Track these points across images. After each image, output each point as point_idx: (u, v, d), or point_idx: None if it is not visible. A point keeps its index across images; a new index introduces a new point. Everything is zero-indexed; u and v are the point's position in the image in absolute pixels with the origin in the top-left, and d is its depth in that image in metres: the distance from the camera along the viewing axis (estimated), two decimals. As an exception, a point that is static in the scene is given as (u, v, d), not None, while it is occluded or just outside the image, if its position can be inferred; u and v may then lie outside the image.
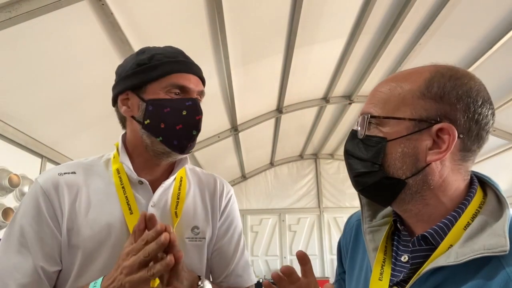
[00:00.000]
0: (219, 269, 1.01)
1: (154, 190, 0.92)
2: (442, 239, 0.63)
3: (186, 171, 1.04)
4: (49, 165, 2.53)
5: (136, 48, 2.11)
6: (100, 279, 0.75)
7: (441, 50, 3.03)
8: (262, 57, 3.00)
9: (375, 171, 0.67)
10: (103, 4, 1.76)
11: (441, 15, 2.53)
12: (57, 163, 2.55)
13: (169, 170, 0.97)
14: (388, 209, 0.78)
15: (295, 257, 1.03)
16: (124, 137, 0.98)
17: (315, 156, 6.29)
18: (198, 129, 0.92)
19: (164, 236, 0.70)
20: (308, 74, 3.48)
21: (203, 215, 0.98)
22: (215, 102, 3.35)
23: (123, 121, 0.98)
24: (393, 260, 0.71)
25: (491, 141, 4.12)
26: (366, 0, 2.48)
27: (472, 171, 0.73)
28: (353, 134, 0.73)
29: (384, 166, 0.67)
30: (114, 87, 0.96)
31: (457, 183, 0.67)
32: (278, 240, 5.97)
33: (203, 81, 1.00)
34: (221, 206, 1.02)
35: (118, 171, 0.92)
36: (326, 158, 6.31)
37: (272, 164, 6.15)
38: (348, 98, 4.07)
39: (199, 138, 3.74)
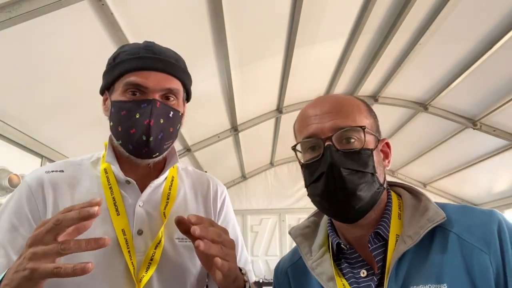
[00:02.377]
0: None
1: (143, 190, 0.90)
2: (388, 232, 0.72)
3: (178, 170, 1.01)
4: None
5: (136, 48, 2.12)
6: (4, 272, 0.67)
7: (441, 50, 3.03)
8: (262, 57, 3.00)
9: (374, 181, 0.73)
10: (103, 4, 1.76)
11: (441, 15, 2.53)
12: (57, 163, 2.54)
13: (159, 170, 0.94)
14: (320, 239, 0.82)
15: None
16: (111, 136, 0.95)
17: (315, 156, 6.29)
18: (148, 135, 0.82)
19: (93, 210, 0.62)
20: (308, 74, 3.48)
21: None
22: (215, 102, 3.35)
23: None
24: (353, 280, 0.74)
25: (491, 141, 4.13)
26: (366, 0, 2.48)
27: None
28: (333, 149, 0.71)
29: (375, 175, 0.73)
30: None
31: None
32: (278, 240, 5.97)
33: (179, 77, 0.90)
34: (216, 208, 1.00)
35: (105, 171, 0.90)
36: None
37: (272, 164, 6.15)
38: (348, 98, 4.06)
39: (199, 138, 3.72)
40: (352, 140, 0.72)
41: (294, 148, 0.81)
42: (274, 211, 6.07)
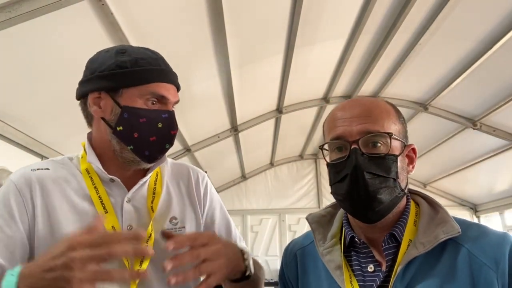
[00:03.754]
0: None
1: (129, 187, 0.91)
2: (402, 236, 0.76)
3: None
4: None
5: (136, 48, 2.11)
6: (18, 267, 0.65)
7: (441, 50, 3.04)
8: (262, 57, 3.00)
9: (395, 186, 0.76)
10: (103, 4, 1.76)
11: (441, 15, 2.53)
12: (57, 163, 2.55)
13: (143, 169, 0.94)
14: (334, 229, 0.87)
15: (295, 257, 1.03)
16: (90, 136, 0.96)
17: (315, 156, 6.29)
18: (171, 143, 0.90)
19: (145, 248, 0.66)
20: (308, 74, 3.48)
21: (180, 205, 0.97)
22: (215, 102, 3.35)
23: (89, 119, 0.94)
24: (359, 272, 0.78)
25: (491, 141, 4.13)
26: (366, 0, 2.48)
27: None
28: (359, 152, 0.74)
29: (397, 181, 0.76)
30: (83, 82, 0.92)
31: None
32: (278, 240, 5.97)
33: (178, 89, 0.97)
34: (200, 195, 1.02)
35: (87, 171, 0.90)
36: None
37: (272, 164, 6.15)
38: (348, 98, 4.07)
39: (199, 138, 3.73)
40: (378, 145, 0.75)
41: (321, 147, 0.84)
42: (274, 211, 6.08)
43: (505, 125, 3.86)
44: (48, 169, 0.90)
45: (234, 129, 3.99)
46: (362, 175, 0.73)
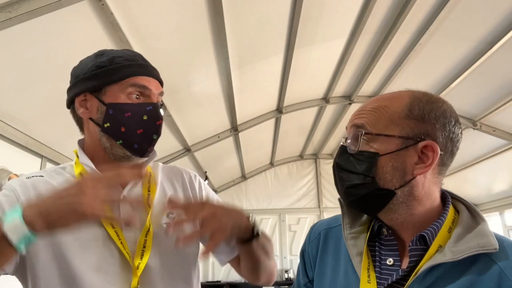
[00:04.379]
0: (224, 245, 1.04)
1: (123, 187, 0.93)
2: (433, 240, 0.72)
3: (150, 166, 1.05)
4: (49, 165, 2.53)
5: (136, 48, 2.12)
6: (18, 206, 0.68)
7: (441, 50, 3.04)
8: (262, 57, 3.00)
9: (368, 183, 0.74)
10: (103, 4, 1.76)
11: (441, 15, 2.53)
12: (57, 163, 2.55)
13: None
14: (365, 218, 0.86)
15: (295, 257, 1.05)
16: (82, 142, 0.99)
17: (315, 156, 6.29)
18: (158, 134, 0.93)
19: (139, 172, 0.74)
20: (308, 74, 3.48)
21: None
22: (215, 102, 3.35)
23: (80, 123, 0.99)
24: (377, 263, 0.76)
25: (491, 141, 4.13)
26: (366, 0, 2.48)
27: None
28: (343, 149, 0.79)
29: (375, 178, 0.74)
30: (70, 89, 0.97)
31: (435, 193, 0.78)
32: (278, 240, 5.97)
33: (162, 84, 0.99)
34: (195, 190, 1.05)
35: (81, 174, 0.92)
36: (326, 158, 6.31)
37: (272, 164, 6.15)
38: (348, 98, 4.07)
39: (199, 138, 3.73)
40: (357, 143, 0.76)
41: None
42: (274, 211, 6.08)
43: (505, 125, 3.86)
44: (42, 176, 0.92)
45: (234, 129, 3.99)
46: (337, 169, 0.78)
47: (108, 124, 0.89)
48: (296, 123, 4.66)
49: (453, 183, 5.58)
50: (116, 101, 0.90)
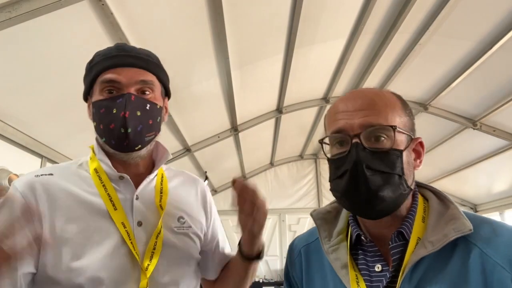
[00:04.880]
0: (215, 258, 1.07)
1: (136, 185, 0.93)
2: (410, 234, 0.72)
3: (164, 170, 1.05)
4: (48, 165, 2.53)
5: (136, 48, 2.11)
6: None
7: (441, 50, 3.03)
8: (262, 57, 3.00)
9: (401, 183, 0.71)
10: (103, 4, 1.76)
11: (441, 15, 2.53)
12: (56, 163, 2.55)
13: (150, 168, 0.99)
14: (340, 226, 0.82)
15: (295, 257, 1.05)
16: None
17: (315, 156, 6.29)
18: (125, 127, 0.85)
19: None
20: (308, 74, 3.48)
21: (186, 207, 1.00)
22: (215, 102, 3.35)
23: None
24: (366, 272, 0.74)
25: (491, 141, 4.13)
26: (366, 0, 2.48)
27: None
28: (359, 147, 0.70)
29: (403, 177, 0.71)
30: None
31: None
32: (278, 240, 5.97)
33: (151, 71, 0.93)
34: (206, 206, 1.06)
35: (96, 170, 0.92)
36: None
37: (272, 164, 6.15)
38: (348, 98, 4.06)
39: (199, 138, 3.71)
40: (382, 139, 0.70)
41: (321, 141, 0.79)
42: (274, 211, 6.07)
43: (505, 125, 3.86)
44: (51, 174, 0.90)
45: (234, 129, 3.99)
46: (363, 171, 0.68)
47: (94, 123, 0.91)
48: (296, 123, 4.65)
49: (453, 183, 5.59)
50: (95, 99, 0.90)
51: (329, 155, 0.78)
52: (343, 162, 0.72)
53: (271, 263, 5.86)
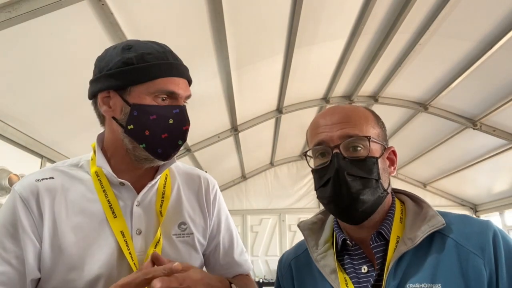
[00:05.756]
0: (220, 263, 1.02)
1: (138, 190, 0.90)
2: (389, 234, 0.79)
3: (170, 168, 1.01)
4: (48, 165, 2.53)
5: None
6: None
7: (441, 50, 3.04)
8: (262, 57, 3.00)
9: (378, 187, 0.79)
10: (103, 4, 1.77)
11: (441, 15, 2.54)
12: (57, 163, 2.55)
13: (153, 170, 0.94)
14: (326, 235, 0.90)
15: (295, 257, 1.05)
16: (101, 136, 0.94)
17: (315, 156, 6.29)
18: (184, 139, 0.87)
19: (176, 266, 0.72)
20: (308, 74, 3.48)
21: (189, 210, 0.96)
22: (215, 102, 3.35)
23: (101, 118, 0.93)
24: (354, 274, 0.80)
25: (491, 141, 4.13)
26: (366, 1, 2.48)
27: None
28: (339, 156, 0.78)
29: (379, 181, 0.79)
30: (93, 82, 0.90)
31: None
32: (278, 240, 5.97)
33: (190, 82, 0.93)
34: (209, 203, 1.01)
35: (97, 174, 0.89)
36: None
37: (272, 164, 6.15)
38: (348, 98, 4.07)
39: (199, 138, 3.71)
40: (359, 149, 0.79)
41: (305, 154, 0.89)
42: (274, 211, 6.08)
43: (505, 125, 3.86)
44: (52, 178, 0.87)
45: (234, 129, 3.99)
46: (344, 177, 0.76)
47: (131, 126, 0.84)
48: (296, 123, 4.65)
49: (453, 183, 5.59)
50: (142, 103, 0.84)
51: (313, 166, 0.85)
52: (326, 171, 0.80)
53: (271, 263, 5.86)
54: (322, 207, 0.91)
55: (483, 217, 5.79)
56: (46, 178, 0.87)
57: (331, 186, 0.78)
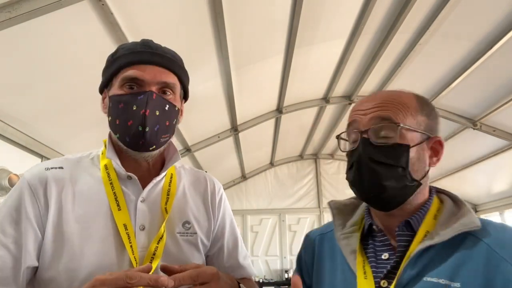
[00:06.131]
0: (224, 265, 1.02)
1: (144, 186, 0.91)
2: (419, 226, 0.76)
3: (176, 168, 1.02)
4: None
5: (136, 48, 2.12)
6: None
7: (441, 50, 3.03)
8: (262, 57, 3.00)
9: (404, 175, 0.76)
10: (103, 4, 1.77)
11: (441, 15, 2.53)
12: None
13: (160, 167, 0.96)
14: (356, 218, 0.89)
15: (295, 257, 1.05)
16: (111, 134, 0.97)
17: (315, 156, 6.29)
18: (144, 125, 0.83)
19: (162, 279, 0.69)
20: (308, 74, 3.48)
21: (194, 210, 0.97)
22: (215, 102, 3.35)
23: None
24: (373, 259, 0.79)
25: (491, 141, 4.13)
26: (366, 0, 2.48)
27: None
28: (366, 141, 0.77)
29: (409, 170, 0.76)
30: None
31: (428, 185, 0.83)
32: (278, 240, 5.97)
33: (175, 72, 0.92)
34: (214, 205, 1.01)
35: (106, 167, 0.90)
36: (326, 158, 6.31)
37: (272, 164, 6.15)
38: (348, 98, 4.07)
39: (199, 138, 3.72)
40: (388, 135, 0.76)
41: (338, 136, 0.86)
42: (274, 211, 6.08)
43: (505, 125, 3.86)
44: (61, 167, 0.89)
45: (234, 129, 3.99)
46: (366, 163, 0.76)
47: (109, 118, 0.88)
48: (296, 123, 4.66)
49: (453, 183, 5.58)
50: (114, 93, 0.88)
51: (346, 149, 0.85)
52: (352, 155, 0.80)
53: (271, 263, 5.86)
54: (322, 207, 0.91)
55: (483, 217, 5.76)
56: (56, 168, 0.88)
57: (354, 171, 0.78)
